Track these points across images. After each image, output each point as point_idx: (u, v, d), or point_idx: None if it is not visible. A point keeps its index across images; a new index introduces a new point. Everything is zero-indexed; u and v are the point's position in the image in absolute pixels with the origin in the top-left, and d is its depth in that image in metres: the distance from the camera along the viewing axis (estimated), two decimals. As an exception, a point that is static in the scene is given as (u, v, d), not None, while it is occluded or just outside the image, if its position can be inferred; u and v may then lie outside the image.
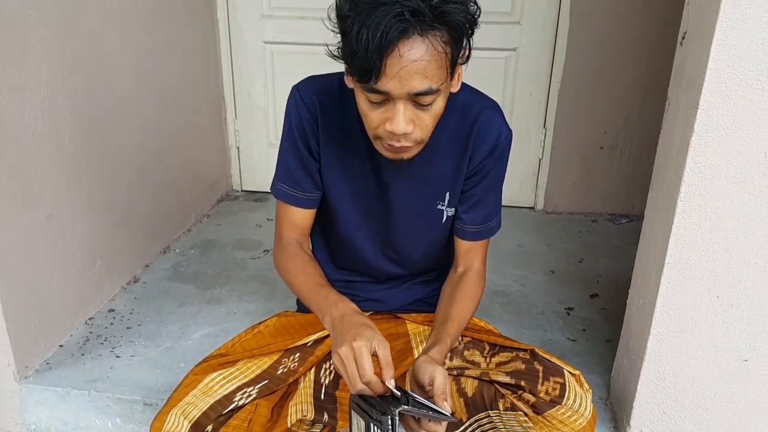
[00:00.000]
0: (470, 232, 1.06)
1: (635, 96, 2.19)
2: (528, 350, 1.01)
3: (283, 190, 1.04)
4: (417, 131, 0.85)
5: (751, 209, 1.05)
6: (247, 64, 2.37)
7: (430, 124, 0.86)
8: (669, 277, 1.11)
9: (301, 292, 1.01)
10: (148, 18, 1.84)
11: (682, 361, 1.17)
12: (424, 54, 0.76)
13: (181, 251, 2.04)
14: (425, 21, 0.75)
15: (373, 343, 0.80)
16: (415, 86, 0.78)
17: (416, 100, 0.81)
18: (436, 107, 0.84)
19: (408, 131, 0.83)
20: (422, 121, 0.84)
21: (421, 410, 0.78)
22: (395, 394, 0.79)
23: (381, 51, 0.75)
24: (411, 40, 0.75)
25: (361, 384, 0.79)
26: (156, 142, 1.93)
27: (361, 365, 0.79)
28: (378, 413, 0.76)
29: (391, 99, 0.81)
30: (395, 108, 0.81)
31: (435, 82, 0.79)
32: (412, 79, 0.77)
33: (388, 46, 0.75)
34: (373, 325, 0.85)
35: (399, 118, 0.82)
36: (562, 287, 1.85)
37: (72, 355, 1.48)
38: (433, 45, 0.77)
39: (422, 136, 0.86)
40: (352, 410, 0.82)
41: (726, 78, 0.97)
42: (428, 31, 0.76)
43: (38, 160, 1.40)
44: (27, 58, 1.34)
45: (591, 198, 2.36)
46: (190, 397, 0.95)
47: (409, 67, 0.76)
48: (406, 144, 0.86)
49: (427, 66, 0.77)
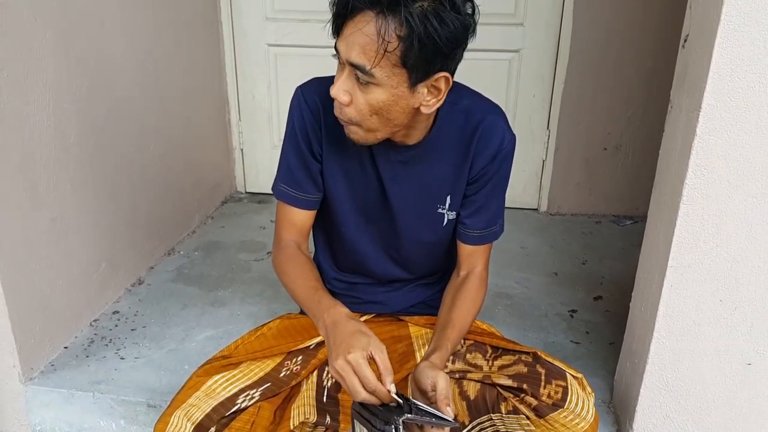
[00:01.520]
0: (473, 237, 1.05)
1: (638, 97, 2.18)
2: (530, 353, 1.01)
3: (284, 190, 1.04)
4: (351, 109, 0.87)
5: (754, 212, 1.04)
6: (251, 66, 2.37)
7: (365, 110, 0.86)
8: (672, 280, 1.11)
9: (297, 295, 1.01)
10: (152, 21, 1.85)
11: (685, 365, 1.17)
12: (370, 30, 0.79)
13: (185, 253, 2.04)
14: (381, 3, 0.78)
15: (369, 350, 0.80)
16: (353, 56, 0.82)
17: (355, 73, 0.83)
18: (372, 96, 0.84)
19: (340, 99, 0.86)
20: (357, 100, 0.86)
21: (424, 417, 0.78)
22: (398, 402, 0.79)
23: (343, 12, 0.81)
24: (368, 13, 0.79)
25: (365, 394, 0.79)
26: (160, 145, 1.93)
27: (363, 377, 0.79)
28: (381, 422, 0.77)
29: (341, 64, 0.85)
30: (341, 74, 0.85)
31: (369, 63, 0.81)
32: (354, 48, 0.81)
33: (349, 10, 0.80)
34: (367, 330, 0.85)
35: (338, 83, 0.85)
36: (566, 289, 1.84)
37: (76, 357, 1.49)
38: (382, 28, 0.79)
39: (355, 117, 0.87)
40: (354, 419, 0.82)
41: (728, 81, 0.97)
42: (388, 16, 0.78)
43: (43, 162, 1.41)
44: (32, 60, 1.35)
45: (594, 199, 2.36)
46: (193, 399, 0.96)
47: (355, 35, 0.80)
48: (341, 116, 0.89)
49: (369, 43, 0.80)
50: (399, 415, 0.76)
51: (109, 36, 1.64)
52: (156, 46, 1.88)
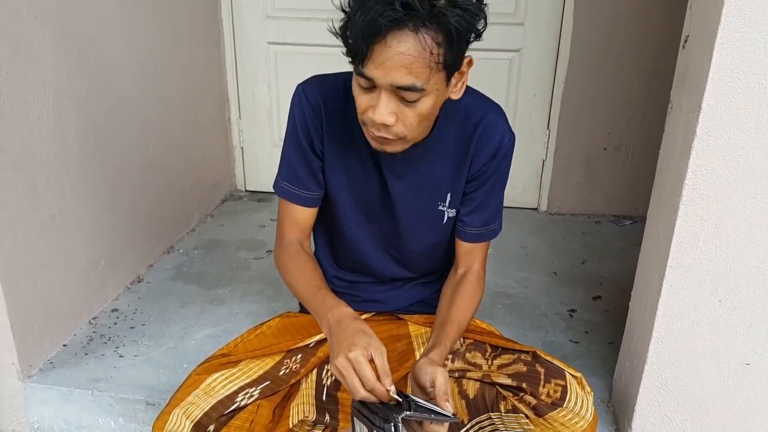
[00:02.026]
0: (471, 234, 1.06)
1: (638, 97, 2.18)
2: (530, 352, 1.01)
3: (285, 188, 1.04)
4: (399, 126, 0.84)
5: (753, 212, 1.05)
6: (251, 64, 2.37)
7: (414, 122, 0.85)
8: (671, 280, 1.11)
9: (300, 294, 1.01)
10: (152, 19, 1.85)
11: (684, 365, 1.17)
12: (411, 49, 0.76)
13: (185, 251, 2.04)
14: (417, 16, 0.75)
15: (369, 350, 0.80)
16: (398, 79, 0.78)
17: (400, 94, 0.81)
18: (422, 106, 0.83)
19: (388, 123, 0.83)
20: (406, 117, 0.84)
21: (424, 414, 0.79)
22: (397, 401, 0.79)
23: (369, 36, 0.76)
24: (402, 32, 0.76)
25: (364, 392, 0.79)
26: (160, 142, 1.93)
27: (363, 376, 0.79)
28: (381, 420, 0.77)
29: (376, 87, 0.81)
30: (379, 97, 0.82)
31: (420, 81, 0.79)
32: (396, 71, 0.78)
33: (376, 33, 0.75)
34: (369, 331, 0.85)
35: (380, 108, 0.82)
36: (565, 289, 1.84)
37: (75, 355, 1.49)
38: (423, 43, 0.76)
39: (405, 132, 0.86)
40: (354, 417, 0.82)
41: (728, 81, 0.97)
42: (421, 27, 0.76)
43: (43, 159, 1.41)
44: (31, 58, 1.35)
45: (594, 199, 2.36)
46: (192, 397, 0.96)
47: (395, 59, 0.77)
48: (386, 135, 0.85)
49: (413, 62, 0.77)
50: (398, 412, 0.76)
51: (109, 35, 1.64)
52: (156, 44, 1.88)
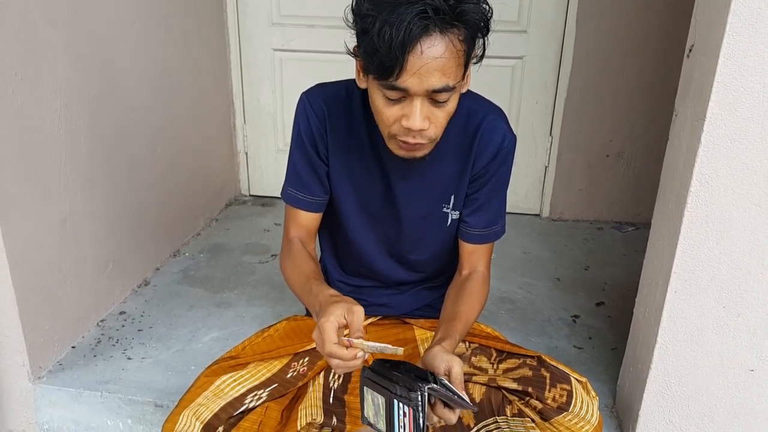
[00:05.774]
0: (474, 235, 1.07)
1: (640, 104, 2.20)
2: (535, 357, 1.02)
3: (292, 194, 1.05)
4: (432, 128, 0.87)
5: (758, 220, 1.06)
6: (257, 71, 2.39)
7: (444, 121, 0.88)
8: (675, 286, 1.12)
9: (295, 290, 1.01)
10: (160, 26, 1.86)
11: (688, 371, 1.18)
12: (444, 52, 0.79)
13: (191, 255, 2.06)
14: (445, 19, 0.77)
15: (344, 315, 0.80)
16: (433, 83, 0.81)
17: (433, 97, 0.83)
18: (450, 105, 0.86)
19: (424, 128, 0.85)
20: (437, 118, 0.86)
21: (447, 393, 0.76)
22: (419, 374, 0.76)
23: (404, 48, 0.77)
24: (432, 37, 0.78)
25: (327, 349, 0.78)
26: (167, 148, 1.95)
27: (326, 338, 0.78)
28: (404, 389, 0.74)
29: (408, 96, 0.83)
30: (413, 105, 0.83)
31: (452, 80, 0.82)
32: (432, 76, 0.80)
33: (410, 43, 0.77)
34: (346, 298, 0.84)
35: (416, 115, 0.84)
36: (568, 295, 1.85)
37: (84, 357, 1.50)
38: (452, 43, 0.79)
39: (436, 133, 0.88)
40: (364, 386, 0.79)
41: (733, 90, 0.98)
42: (448, 29, 0.78)
43: (54, 164, 1.42)
44: (45, 65, 1.36)
45: (597, 205, 2.37)
46: (201, 398, 0.97)
47: (430, 65, 0.79)
48: (420, 141, 0.88)
49: (446, 63, 0.80)
50: (423, 383, 0.73)
51: (119, 42, 1.66)
52: (165, 51, 1.90)
